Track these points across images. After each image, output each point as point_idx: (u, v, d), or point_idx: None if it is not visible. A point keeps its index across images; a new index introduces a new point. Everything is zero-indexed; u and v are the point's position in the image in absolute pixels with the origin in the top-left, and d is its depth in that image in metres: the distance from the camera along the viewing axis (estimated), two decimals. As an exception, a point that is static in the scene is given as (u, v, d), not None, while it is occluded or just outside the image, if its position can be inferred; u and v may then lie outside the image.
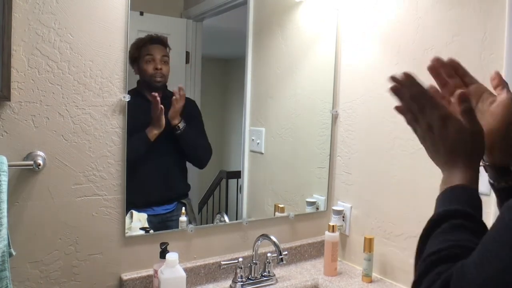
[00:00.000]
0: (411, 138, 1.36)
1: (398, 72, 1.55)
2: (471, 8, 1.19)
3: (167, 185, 1.44)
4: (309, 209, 1.68)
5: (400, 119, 1.47)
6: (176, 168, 1.45)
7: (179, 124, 1.37)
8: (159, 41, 1.34)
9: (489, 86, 1.21)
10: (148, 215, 1.34)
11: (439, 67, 0.72)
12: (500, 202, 0.70)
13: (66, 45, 1.12)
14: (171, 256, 1.16)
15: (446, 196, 0.59)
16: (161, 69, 1.34)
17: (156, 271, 1.19)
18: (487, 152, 0.65)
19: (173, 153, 1.41)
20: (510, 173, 0.66)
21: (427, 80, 0.74)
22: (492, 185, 0.70)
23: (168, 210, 1.41)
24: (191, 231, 1.36)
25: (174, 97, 1.34)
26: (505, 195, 0.66)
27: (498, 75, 0.67)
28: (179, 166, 1.45)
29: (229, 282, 1.37)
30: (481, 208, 0.58)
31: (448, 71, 0.72)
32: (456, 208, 0.56)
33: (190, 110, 1.43)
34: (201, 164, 1.50)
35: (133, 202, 1.26)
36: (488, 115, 0.64)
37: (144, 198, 1.34)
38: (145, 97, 1.34)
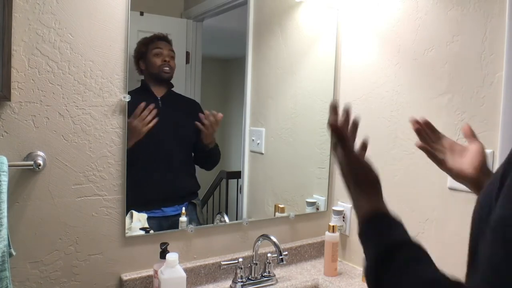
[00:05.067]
0: (411, 138, 1.37)
1: (398, 72, 1.55)
2: (471, 8, 1.19)
3: (176, 185, 1.44)
4: (309, 209, 1.68)
5: (400, 119, 1.47)
6: (184, 167, 1.45)
7: (210, 145, 1.44)
8: (165, 38, 1.36)
9: (485, 86, 1.21)
10: (158, 217, 1.33)
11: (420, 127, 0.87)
12: None
13: (66, 45, 1.12)
14: (171, 256, 1.16)
15: (369, 229, 0.62)
16: (169, 61, 1.35)
17: (156, 271, 1.19)
18: (476, 190, 0.77)
19: (181, 152, 1.42)
20: None
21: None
22: None
23: (178, 212, 1.40)
24: (191, 231, 1.36)
25: (212, 119, 1.40)
26: None
27: (469, 129, 0.83)
28: (188, 165, 1.45)
29: (229, 282, 1.37)
30: (400, 225, 0.60)
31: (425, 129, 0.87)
32: (393, 241, 0.56)
33: (195, 113, 1.44)
34: (211, 169, 1.54)
35: (143, 203, 1.26)
36: (466, 163, 0.79)
37: (153, 198, 1.34)
38: (149, 95, 1.35)
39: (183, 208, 1.40)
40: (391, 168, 1.44)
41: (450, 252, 1.25)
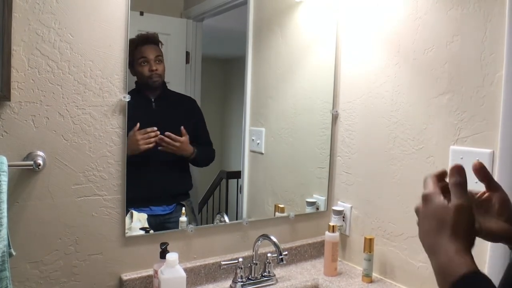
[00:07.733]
0: (411, 138, 1.37)
1: (398, 71, 1.55)
2: (471, 8, 1.19)
3: (166, 185, 1.44)
4: (309, 209, 1.68)
5: (400, 119, 1.47)
6: (176, 168, 1.45)
7: (191, 156, 1.43)
8: (151, 40, 1.33)
9: (485, 85, 1.21)
10: (147, 215, 1.34)
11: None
12: None
13: (66, 45, 1.12)
14: (171, 256, 1.16)
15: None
16: (156, 69, 1.34)
17: (156, 271, 1.19)
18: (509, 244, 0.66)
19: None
20: None
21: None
22: None
23: (166, 212, 1.41)
24: (191, 231, 1.36)
25: (166, 140, 1.35)
26: None
27: (482, 168, 0.65)
28: (180, 165, 1.45)
29: (229, 282, 1.37)
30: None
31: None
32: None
33: (192, 110, 1.44)
34: (205, 166, 1.54)
35: (131, 201, 1.26)
36: (494, 220, 0.65)
37: (142, 196, 1.33)
38: (145, 97, 1.36)
39: (173, 210, 1.41)
40: (391, 168, 1.44)
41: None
